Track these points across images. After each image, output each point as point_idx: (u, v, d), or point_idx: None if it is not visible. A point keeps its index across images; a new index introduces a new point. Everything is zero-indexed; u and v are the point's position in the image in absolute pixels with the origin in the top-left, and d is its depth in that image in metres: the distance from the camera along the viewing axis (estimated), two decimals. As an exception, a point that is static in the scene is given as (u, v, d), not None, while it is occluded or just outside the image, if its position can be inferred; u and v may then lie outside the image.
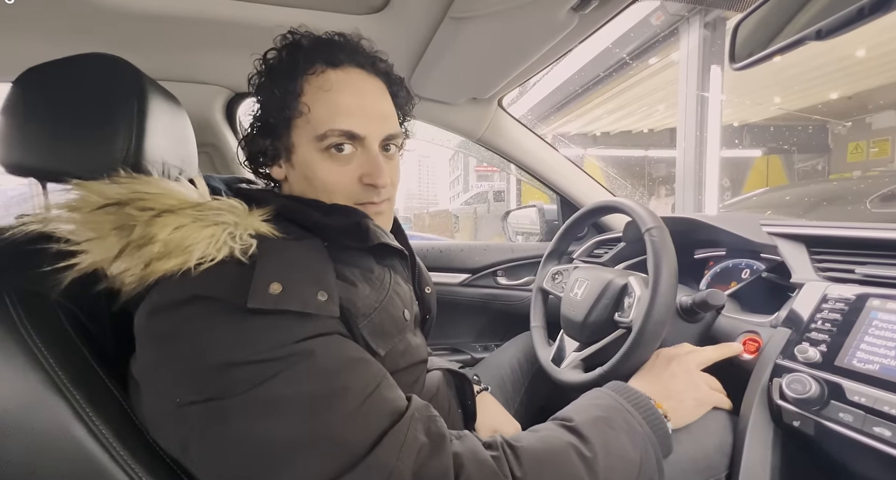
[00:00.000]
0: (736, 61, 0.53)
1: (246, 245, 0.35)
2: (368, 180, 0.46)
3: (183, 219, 0.34)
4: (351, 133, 0.45)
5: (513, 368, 0.83)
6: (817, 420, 0.43)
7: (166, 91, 0.49)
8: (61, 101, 0.42)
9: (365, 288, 0.42)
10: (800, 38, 0.44)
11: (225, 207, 0.37)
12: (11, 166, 0.41)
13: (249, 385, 0.31)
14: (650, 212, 0.64)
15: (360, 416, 0.32)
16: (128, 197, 0.35)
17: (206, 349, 0.32)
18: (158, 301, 0.33)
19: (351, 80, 0.46)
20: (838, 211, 3.07)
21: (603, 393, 0.48)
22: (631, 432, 0.42)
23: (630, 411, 0.44)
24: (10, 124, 0.41)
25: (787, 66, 3.77)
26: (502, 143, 1.09)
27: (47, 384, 0.32)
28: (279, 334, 0.33)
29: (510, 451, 0.36)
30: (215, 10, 0.65)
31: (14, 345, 0.32)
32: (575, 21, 0.61)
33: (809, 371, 0.46)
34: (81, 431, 0.32)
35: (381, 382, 0.36)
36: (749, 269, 0.77)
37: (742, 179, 6.10)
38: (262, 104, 0.47)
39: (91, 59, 0.43)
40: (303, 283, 0.35)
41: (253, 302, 0.32)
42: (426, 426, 0.35)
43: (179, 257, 0.32)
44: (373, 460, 0.31)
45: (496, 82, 0.87)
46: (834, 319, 0.49)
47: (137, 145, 0.42)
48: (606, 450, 0.39)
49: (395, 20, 0.66)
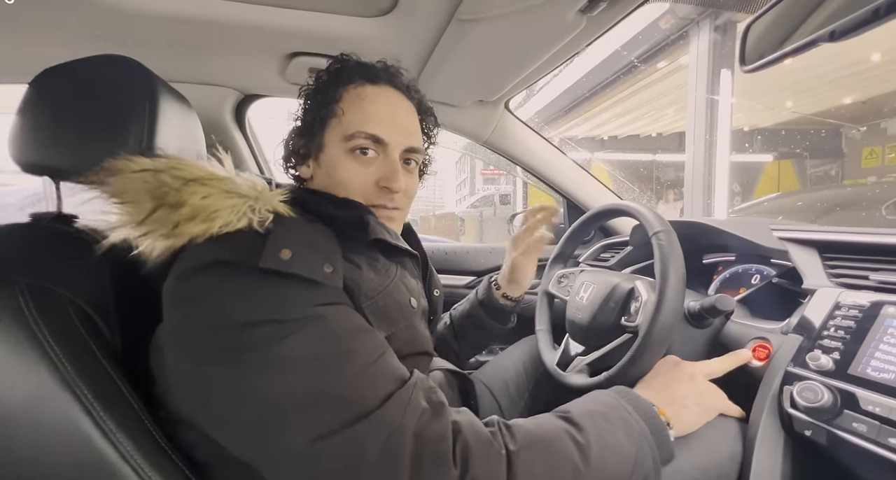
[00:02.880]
0: (747, 63, 0.52)
1: (264, 218, 0.38)
2: (384, 183, 0.50)
3: (210, 189, 0.37)
4: (376, 137, 0.49)
5: (517, 371, 0.82)
6: (830, 430, 0.42)
7: (177, 92, 0.49)
8: (75, 102, 0.43)
9: (369, 273, 0.45)
10: (812, 39, 0.43)
11: (247, 183, 0.40)
12: (27, 165, 0.42)
13: (266, 343, 0.33)
14: (657, 216, 0.63)
15: (367, 377, 0.35)
16: (164, 165, 0.38)
17: (226, 309, 0.34)
18: (184, 266, 0.36)
19: (385, 95, 0.52)
20: (852, 217, 3.01)
21: (604, 392, 0.48)
22: (627, 428, 0.42)
23: (628, 410, 0.44)
24: (26, 124, 0.42)
25: (799, 69, 3.72)
26: (509, 146, 1.09)
27: (56, 378, 0.33)
28: (295, 298, 0.36)
29: (505, 428, 0.38)
30: (226, 14, 0.66)
31: (24, 339, 0.33)
32: (583, 23, 0.61)
33: (822, 379, 0.45)
34: (88, 425, 0.33)
35: (385, 351, 0.38)
36: (759, 275, 0.76)
37: (752, 184, 6.02)
38: (306, 108, 0.53)
39: (104, 60, 0.44)
40: (311, 253, 0.38)
41: (264, 263, 0.35)
42: (427, 394, 0.37)
43: (205, 222, 0.35)
44: (379, 416, 0.33)
45: (503, 84, 0.87)
46: (847, 326, 0.47)
47: (149, 145, 0.43)
48: (601, 440, 0.39)
49: (403, 22, 0.67)
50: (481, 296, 0.78)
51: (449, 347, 0.81)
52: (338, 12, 0.68)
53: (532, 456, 0.36)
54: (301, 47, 0.76)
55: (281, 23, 0.69)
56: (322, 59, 0.77)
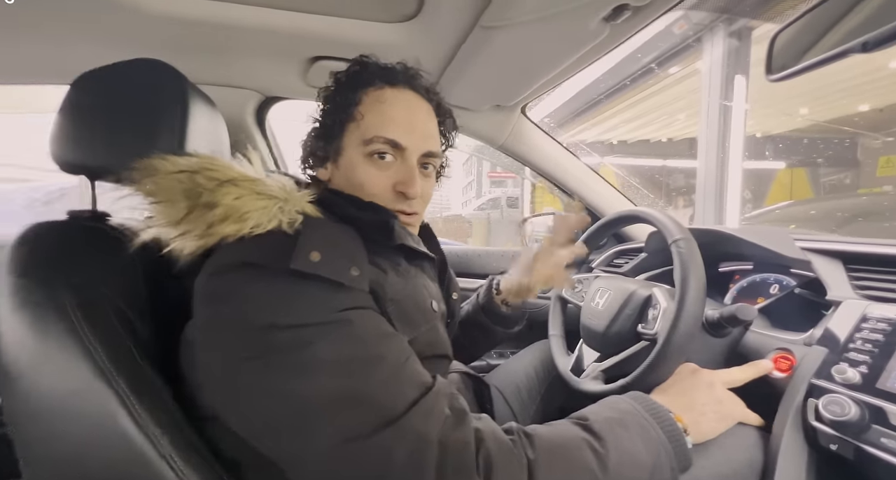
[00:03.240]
0: (773, 73, 0.52)
1: (293, 219, 0.38)
2: (401, 188, 0.50)
3: (242, 190, 0.38)
4: (395, 142, 0.49)
5: (528, 376, 0.82)
6: (858, 445, 0.41)
7: (205, 95, 0.51)
8: (112, 104, 0.44)
9: (393, 276, 0.45)
10: (844, 50, 0.43)
11: (277, 185, 0.41)
12: (65, 164, 0.44)
13: (293, 346, 0.34)
14: (677, 223, 0.63)
15: (393, 382, 0.35)
16: (198, 166, 0.38)
17: (253, 310, 0.35)
18: (217, 263, 0.37)
19: (404, 98, 0.51)
20: (874, 227, 2.94)
21: (621, 398, 0.48)
22: (645, 436, 0.42)
23: (646, 417, 0.44)
24: (65, 124, 0.43)
25: (815, 76, 3.66)
26: (524, 150, 1.09)
27: (96, 372, 0.33)
28: (321, 302, 0.36)
29: (525, 437, 0.38)
30: (251, 18, 0.67)
31: (65, 333, 0.34)
32: (606, 31, 0.61)
33: (848, 392, 0.44)
34: (126, 419, 0.33)
35: (409, 356, 0.39)
36: (778, 285, 0.75)
37: (763, 192, 5.93)
38: (325, 110, 0.53)
39: (140, 64, 0.45)
40: (339, 256, 0.39)
41: (294, 264, 0.35)
42: (450, 401, 0.37)
43: (237, 223, 0.36)
44: (406, 422, 0.33)
45: (521, 90, 0.87)
46: (875, 340, 0.47)
47: (180, 146, 0.44)
48: (618, 449, 0.39)
49: (426, 28, 0.67)
50: (482, 301, 0.76)
51: (459, 346, 0.80)
52: (361, 17, 0.69)
53: (551, 465, 0.36)
54: (323, 51, 0.77)
55: (304, 27, 0.70)
56: (344, 63, 0.77)
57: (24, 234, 0.39)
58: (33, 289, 0.36)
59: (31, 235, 0.39)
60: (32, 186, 1.43)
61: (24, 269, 0.37)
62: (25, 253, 0.38)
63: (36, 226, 0.40)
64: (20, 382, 0.34)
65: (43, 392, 0.34)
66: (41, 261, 0.37)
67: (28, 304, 0.35)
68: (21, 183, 1.84)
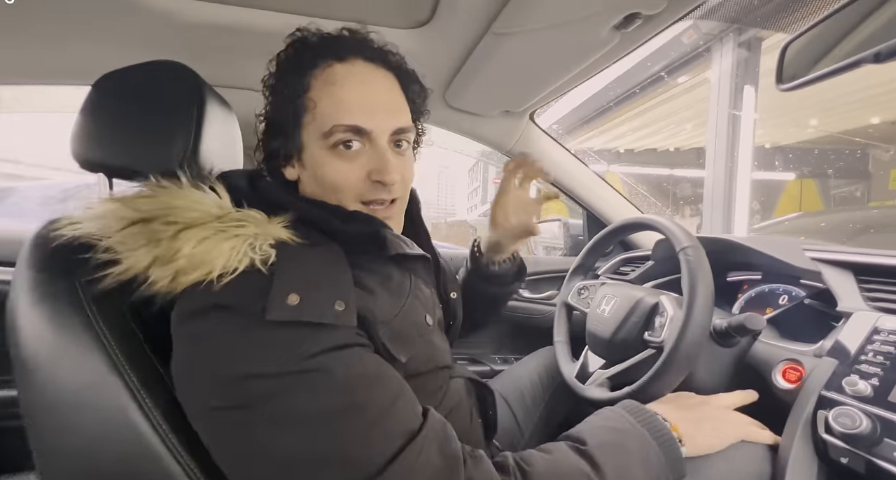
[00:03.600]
0: (784, 82, 0.52)
1: (266, 255, 0.35)
2: (377, 177, 0.44)
3: (206, 232, 0.35)
4: (357, 127, 0.43)
5: (533, 382, 0.81)
6: (869, 459, 0.41)
7: (221, 97, 0.52)
8: (131, 104, 0.45)
9: (383, 295, 0.42)
10: (856, 60, 0.43)
11: (246, 218, 0.38)
12: (84, 162, 0.45)
13: (267, 398, 0.32)
14: (685, 231, 0.63)
15: (374, 434, 0.32)
16: (154, 213, 0.36)
17: (226, 359, 0.33)
18: (184, 308, 0.35)
19: (357, 73, 0.44)
20: (886, 239, 2.90)
21: (617, 413, 0.47)
22: (645, 460, 0.41)
23: (646, 438, 0.43)
24: (87, 124, 0.44)
25: (826, 87, 3.64)
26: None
27: (109, 365, 0.34)
28: (295, 347, 0.33)
29: (520, 474, 0.36)
30: (269, 22, 0.69)
31: (81, 327, 0.35)
32: (616, 39, 0.62)
33: (859, 405, 0.44)
34: (136, 412, 0.34)
35: (397, 399, 0.36)
36: (787, 295, 0.74)
37: (773, 203, 5.87)
38: (272, 104, 0.46)
39: (159, 66, 0.46)
40: (320, 294, 0.35)
41: (271, 315, 0.33)
42: (441, 447, 0.34)
43: (203, 269, 0.33)
44: (389, 475, 0.31)
45: (531, 96, 0.88)
46: (887, 352, 0.46)
47: (195, 146, 0.45)
48: (618, 478, 0.38)
49: (438, 34, 0.68)
50: (471, 266, 0.72)
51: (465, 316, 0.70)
52: (375, 23, 0.70)
53: None
54: (336, 55, 0.78)
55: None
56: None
57: (41, 230, 0.40)
58: (51, 283, 0.37)
59: (48, 231, 0.40)
60: (47, 184, 1.46)
61: (43, 264, 0.38)
62: (43, 248, 0.39)
63: (53, 222, 0.41)
64: (38, 374, 0.35)
65: (60, 384, 0.34)
66: (58, 256, 0.38)
67: (47, 298, 0.36)
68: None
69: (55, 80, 0.85)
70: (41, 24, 0.68)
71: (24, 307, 0.36)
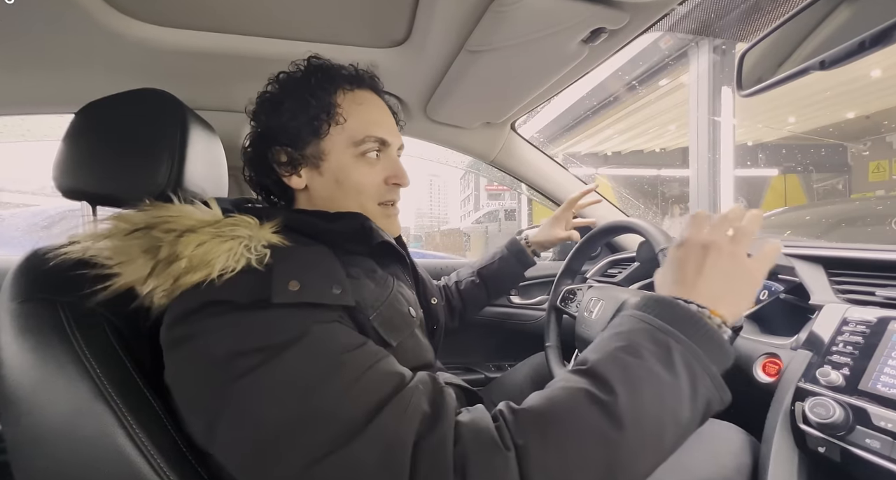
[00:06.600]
0: (743, 89, 0.55)
1: (261, 254, 0.38)
2: (395, 180, 0.54)
3: (203, 237, 0.37)
4: (383, 140, 0.53)
5: (524, 388, 0.82)
6: (843, 446, 0.42)
7: (203, 121, 0.53)
8: (114, 132, 0.46)
9: (370, 284, 0.46)
10: (804, 67, 0.45)
11: (239, 223, 0.41)
12: (67, 190, 0.45)
13: (249, 370, 0.33)
14: (663, 232, 0.65)
15: (359, 388, 0.33)
16: (153, 221, 0.38)
17: (213, 343, 0.34)
18: (176, 310, 0.36)
19: (374, 99, 0.55)
20: (858, 232, 2.99)
21: (625, 316, 0.39)
22: (664, 354, 0.34)
23: (659, 327, 0.36)
24: (70, 152, 0.45)
25: (800, 85, 3.77)
26: (515, 165, 1.12)
27: (94, 393, 0.34)
28: (282, 323, 0.35)
29: (511, 417, 0.33)
30: (249, 47, 0.71)
31: (66, 356, 0.35)
32: (585, 52, 0.65)
33: (832, 395, 0.45)
34: (123, 438, 0.34)
35: (380, 359, 0.36)
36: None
37: (758, 198, 6.00)
38: (287, 113, 0.50)
39: (142, 94, 0.48)
40: (318, 281, 0.39)
41: (277, 299, 0.35)
42: (431, 396, 0.34)
43: (204, 270, 0.36)
44: (373, 429, 0.31)
45: (509, 108, 0.90)
46: (856, 342, 0.48)
47: (179, 171, 0.46)
48: (631, 386, 0.33)
49: (415, 53, 0.71)
50: (513, 250, 0.91)
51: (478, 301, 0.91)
52: (352, 44, 0.72)
53: (545, 446, 0.31)
54: (317, 76, 0.80)
55: (299, 54, 0.72)
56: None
57: (23, 262, 0.40)
58: (34, 314, 0.37)
59: (31, 261, 0.40)
60: (33, 211, 1.45)
61: (27, 294, 0.38)
62: (25, 278, 0.39)
63: (35, 252, 0.41)
64: (21, 407, 0.35)
65: (46, 415, 0.34)
66: (41, 286, 0.38)
67: (30, 329, 0.36)
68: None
69: (37, 109, 0.86)
70: (21, 55, 0.69)
71: (6, 339, 0.36)
